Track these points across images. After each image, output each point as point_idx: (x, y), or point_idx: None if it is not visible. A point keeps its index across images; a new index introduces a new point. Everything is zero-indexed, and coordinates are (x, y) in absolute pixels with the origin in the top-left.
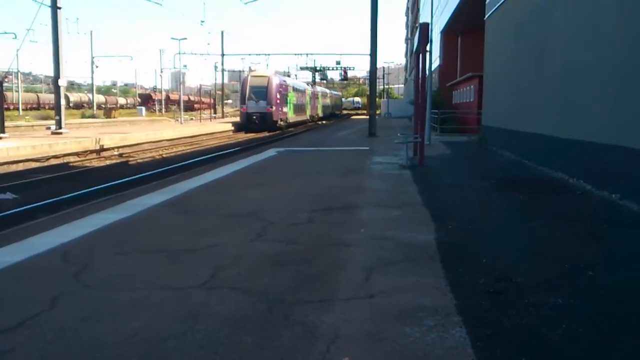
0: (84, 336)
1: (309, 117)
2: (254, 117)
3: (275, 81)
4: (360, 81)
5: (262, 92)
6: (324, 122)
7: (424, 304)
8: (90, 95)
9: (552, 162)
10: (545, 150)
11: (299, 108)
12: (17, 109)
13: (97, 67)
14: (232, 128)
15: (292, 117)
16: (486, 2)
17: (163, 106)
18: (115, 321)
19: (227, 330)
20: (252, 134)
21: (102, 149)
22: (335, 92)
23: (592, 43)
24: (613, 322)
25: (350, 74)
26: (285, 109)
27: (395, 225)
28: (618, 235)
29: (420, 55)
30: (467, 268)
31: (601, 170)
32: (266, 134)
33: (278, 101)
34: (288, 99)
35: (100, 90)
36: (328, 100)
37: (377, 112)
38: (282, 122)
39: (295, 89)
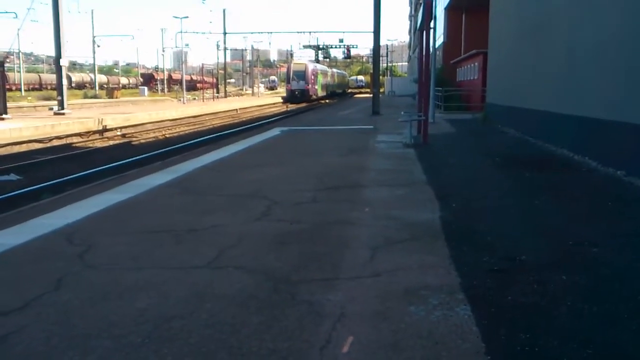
0: (89, 317)
1: (329, 93)
2: (296, 92)
3: (310, 67)
4: (364, 59)
5: (301, 74)
6: (327, 101)
7: (428, 282)
8: (92, 75)
9: (557, 139)
10: (550, 128)
11: (324, 86)
12: (19, 89)
13: (98, 46)
14: (236, 108)
15: (320, 92)
16: None
17: (165, 86)
18: (121, 302)
19: (233, 310)
20: (293, 105)
21: (105, 130)
22: (343, 72)
23: (596, 17)
24: (618, 299)
25: (353, 52)
26: (316, 87)
27: (399, 204)
28: (623, 212)
29: (424, 32)
30: (472, 246)
31: (606, 146)
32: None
33: (312, 81)
34: (318, 79)
35: (102, 70)
36: (339, 80)
37: (381, 90)
38: (314, 96)
39: (322, 72)
